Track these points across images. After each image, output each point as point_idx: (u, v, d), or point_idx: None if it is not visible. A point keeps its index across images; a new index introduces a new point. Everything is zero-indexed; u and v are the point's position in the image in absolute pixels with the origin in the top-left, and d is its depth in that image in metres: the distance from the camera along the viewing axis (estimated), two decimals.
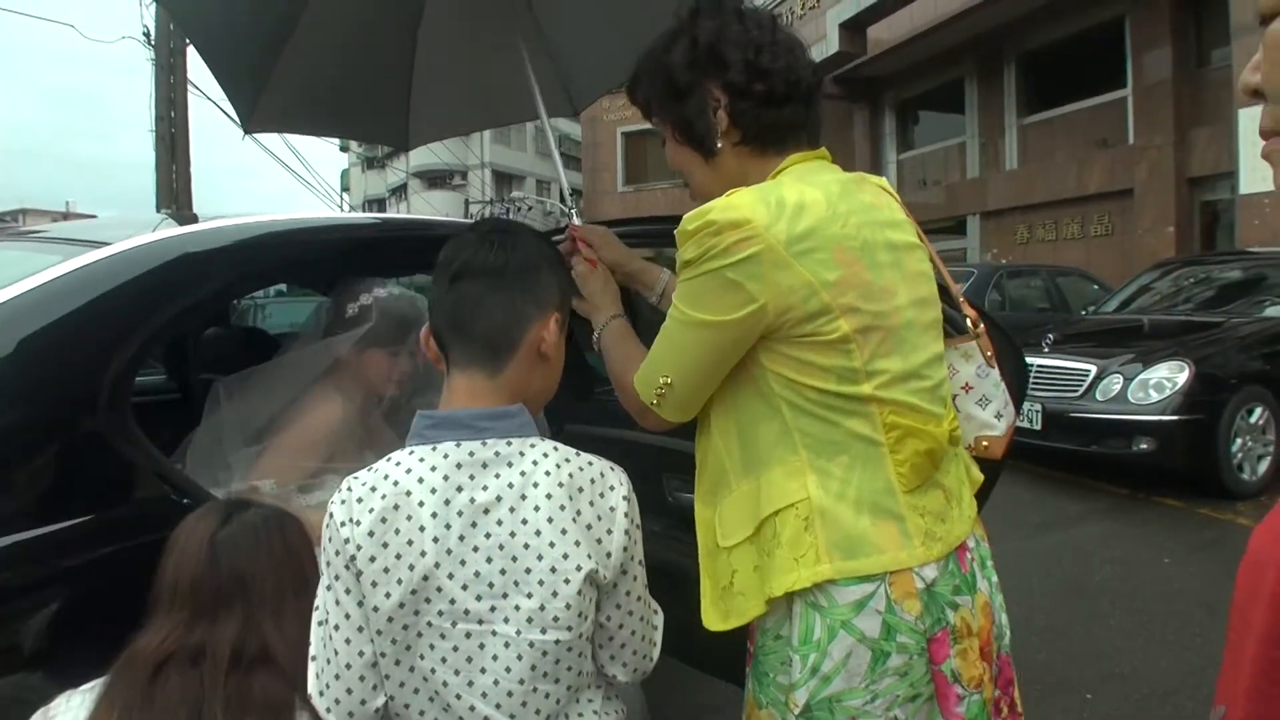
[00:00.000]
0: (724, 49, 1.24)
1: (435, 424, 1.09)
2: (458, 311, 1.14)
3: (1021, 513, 5.28)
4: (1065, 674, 3.19)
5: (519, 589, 1.05)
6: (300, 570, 1.20)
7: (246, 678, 1.09)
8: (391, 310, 1.87)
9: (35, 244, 1.62)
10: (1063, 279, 10.51)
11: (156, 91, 11.98)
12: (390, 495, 1.04)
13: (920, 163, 17.54)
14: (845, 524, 1.12)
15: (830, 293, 1.12)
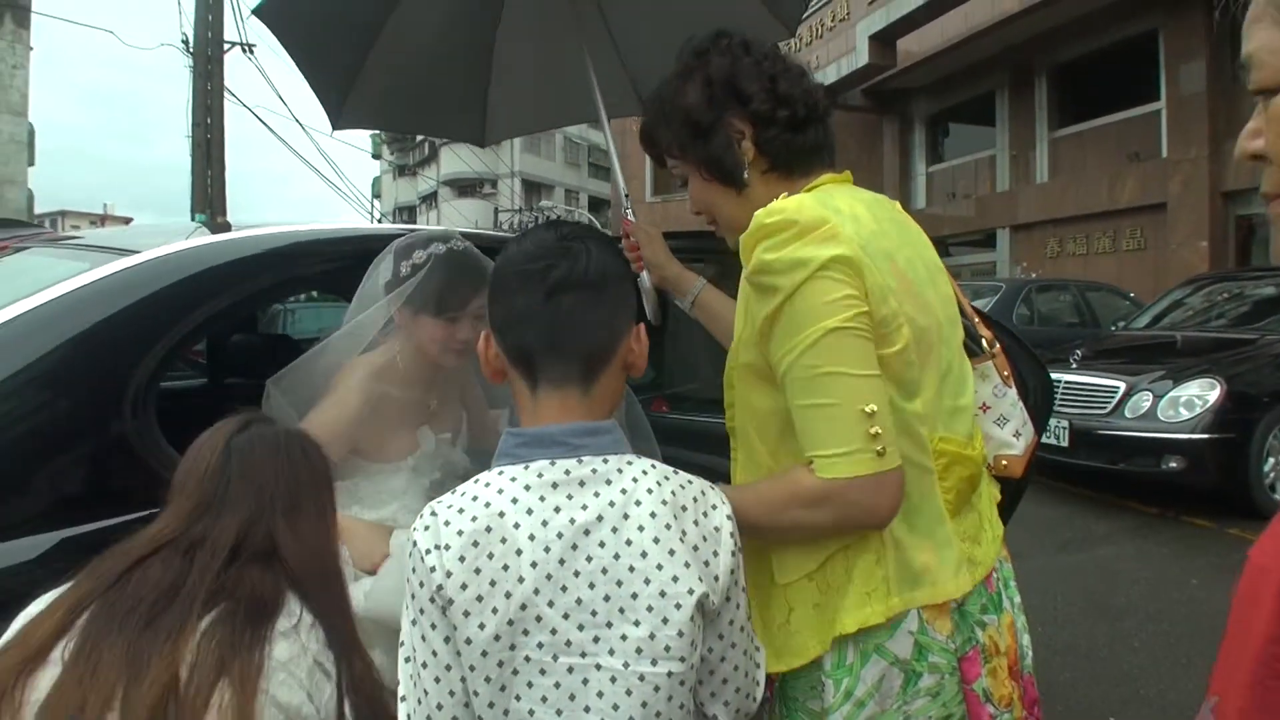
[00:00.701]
0: (741, 82, 1.25)
1: (526, 442, 1.01)
2: (556, 328, 1.03)
3: (1047, 530, 5.21)
4: (1089, 696, 3.14)
5: (625, 616, 0.95)
6: (318, 481, 1.18)
7: (241, 571, 1.05)
8: (450, 267, 1.71)
9: (65, 250, 1.66)
10: (1093, 294, 10.38)
11: (194, 98, 12.22)
12: (482, 517, 0.95)
13: (950, 175, 17.40)
14: (910, 555, 1.12)
15: (896, 298, 1.11)
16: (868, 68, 15.44)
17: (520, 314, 1.04)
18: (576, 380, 1.04)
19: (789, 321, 1.08)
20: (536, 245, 1.07)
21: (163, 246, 1.44)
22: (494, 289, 1.08)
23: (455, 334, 1.71)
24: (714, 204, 1.31)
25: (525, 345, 1.05)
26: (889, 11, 14.43)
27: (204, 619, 1.02)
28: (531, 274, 1.04)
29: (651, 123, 1.35)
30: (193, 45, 12.24)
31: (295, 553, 1.09)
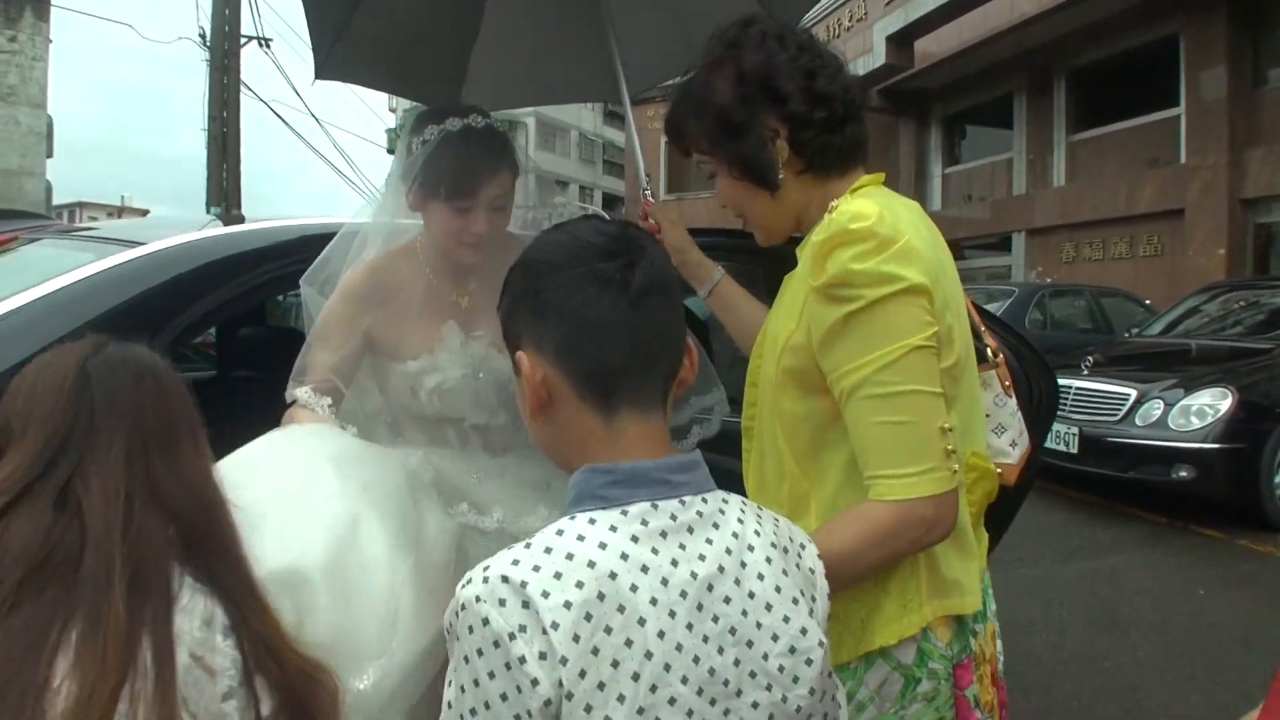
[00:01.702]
0: (777, 80, 1.18)
1: (618, 480, 0.83)
2: (647, 340, 0.87)
3: (1053, 538, 5.19)
4: (1091, 705, 3.12)
5: (756, 681, 0.82)
6: (191, 413, 0.99)
7: (141, 524, 0.89)
8: (461, 146, 1.50)
9: (73, 242, 1.68)
10: (1107, 300, 10.31)
11: (210, 92, 12.30)
12: (590, 582, 0.76)
13: (966, 178, 17.32)
14: (942, 567, 1.13)
15: (951, 312, 1.11)
16: (884, 68, 15.38)
17: (599, 324, 0.86)
18: (659, 402, 0.90)
19: (866, 334, 1.05)
20: (601, 237, 0.89)
21: (167, 239, 1.46)
22: (547, 296, 0.88)
23: (468, 226, 1.50)
24: (744, 203, 1.26)
25: (606, 364, 0.86)
26: (907, 12, 14.37)
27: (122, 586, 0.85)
28: (608, 275, 0.86)
29: (679, 115, 1.28)
30: (209, 39, 12.32)
31: (178, 497, 0.93)
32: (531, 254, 0.92)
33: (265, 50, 13.51)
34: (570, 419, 0.88)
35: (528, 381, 0.88)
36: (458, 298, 1.60)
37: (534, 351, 0.88)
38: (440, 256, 1.57)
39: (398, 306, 1.54)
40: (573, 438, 0.88)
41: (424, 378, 1.54)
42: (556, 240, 0.92)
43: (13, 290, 1.28)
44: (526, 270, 0.91)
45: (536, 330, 0.88)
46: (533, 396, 0.88)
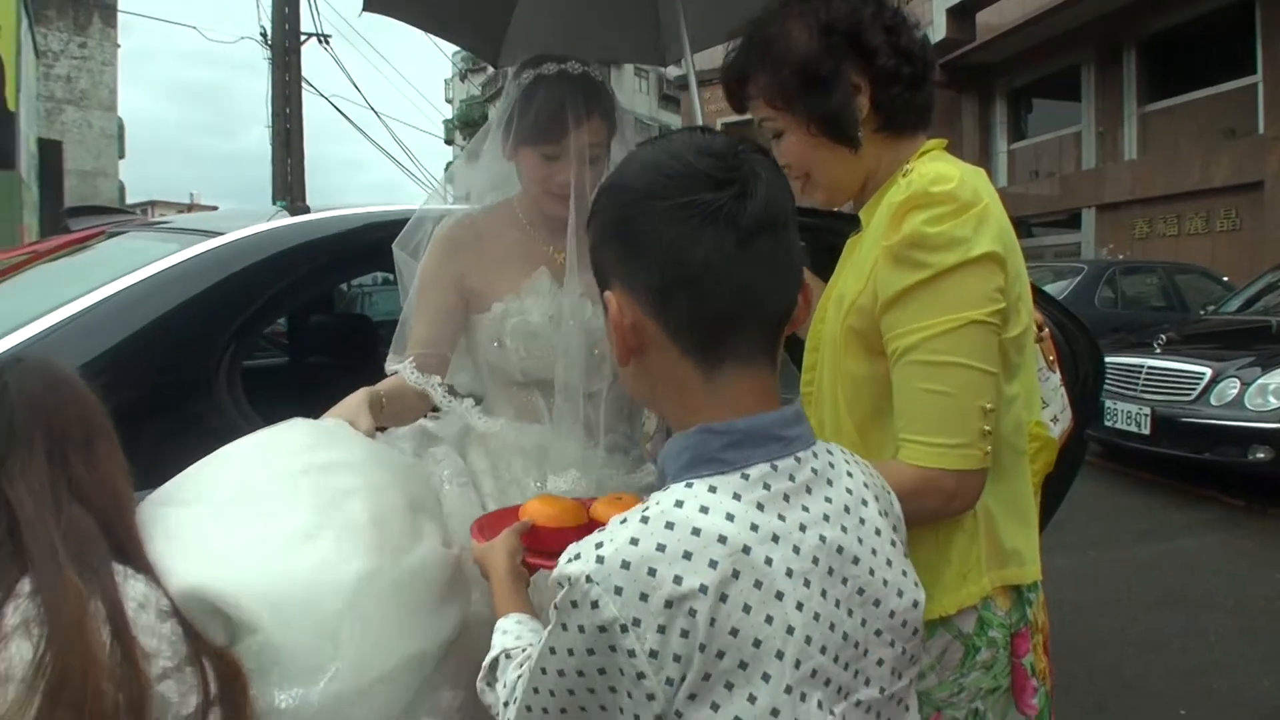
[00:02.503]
0: (865, 34, 1.14)
1: (736, 441, 0.76)
2: (754, 283, 0.77)
3: (1125, 520, 5.07)
4: (1159, 687, 3.07)
5: (881, 639, 0.81)
6: (102, 417, 1.04)
7: (71, 514, 0.95)
8: (553, 89, 1.45)
9: (156, 234, 1.78)
10: (1181, 276, 9.97)
11: (272, 89, 12.62)
12: (723, 559, 0.70)
13: (1033, 153, 16.86)
14: (1003, 536, 1.14)
15: (1020, 281, 1.11)
16: (945, 42, 15.06)
17: (703, 266, 0.75)
18: (768, 350, 0.81)
19: (930, 300, 1.03)
20: (707, 158, 0.77)
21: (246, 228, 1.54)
22: (639, 228, 0.77)
23: (554, 175, 1.44)
24: (817, 162, 1.19)
25: (714, 309, 0.77)
26: None
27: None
28: (714, 208, 0.75)
29: (743, 65, 1.21)
30: (270, 38, 12.62)
31: (97, 495, 0.98)
32: (621, 177, 0.81)
33: (324, 46, 13.80)
34: (664, 367, 0.79)
35: (615, 325, 0.79)
36: (554, 252, 1.53)
37: (624, 292, 0.79)
38: (535, 210, 1.52)
39: (489, 253, 1.50)
40: (669, 388, 0.81)
41: (507, 321, 1.48)
42: (654, 160, 0.79)
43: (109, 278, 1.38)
44: (616, 194, 0.80)
45: (627, 268, 0.79)
46: (621, 341, 0.80)
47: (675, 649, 0.69)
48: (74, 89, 22.45)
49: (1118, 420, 5.95)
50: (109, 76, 23.21)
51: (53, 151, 20.00)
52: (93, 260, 1.73)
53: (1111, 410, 5.96)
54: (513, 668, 0.89)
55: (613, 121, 1.51)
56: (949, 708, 1.12)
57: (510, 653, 0.92)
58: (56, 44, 21.58)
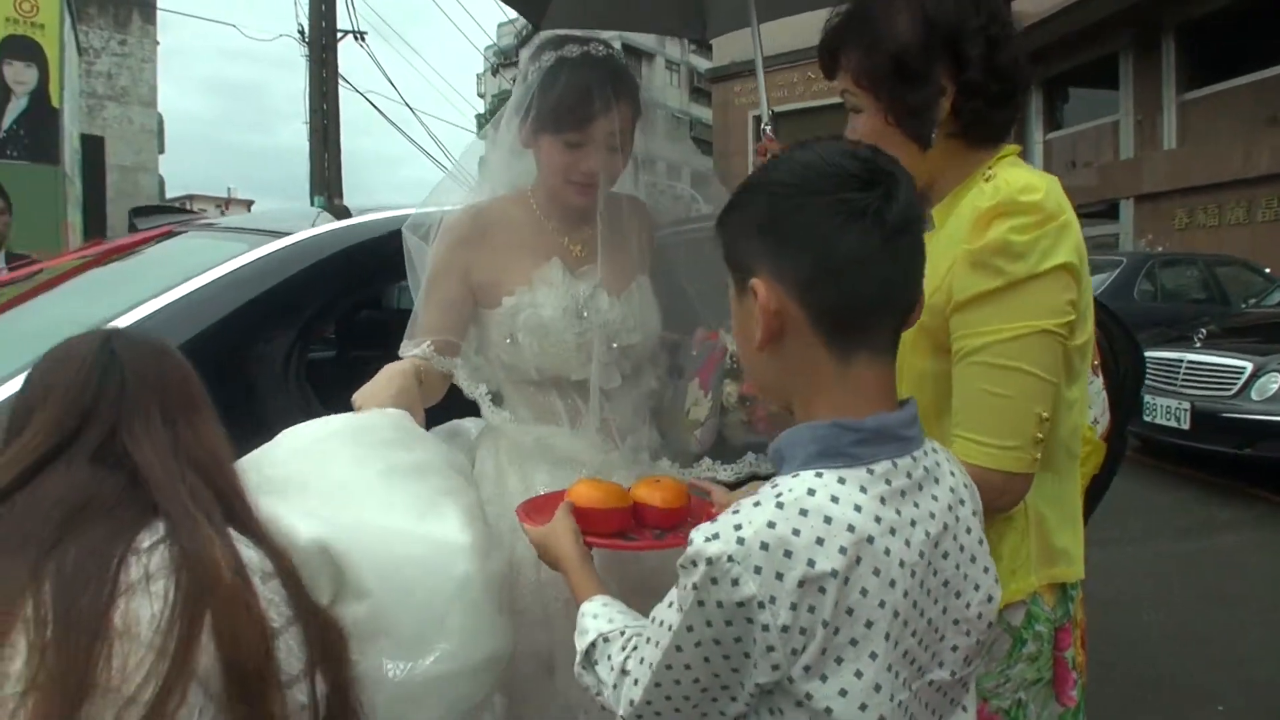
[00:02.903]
0: (965, 43, 1.14)
1: (866, 439, 0.82)
2: (897, 279, 0.84)
3: (1164, 517, 5.04)
4: (1200, 682, 3.06)
5: (958, 628, 0.87)
6: (200, 386, 1.07)
7: (190, 478, 0.97)
8: (577, 73, 1.38)
9: (222, 234, 1.85)
10: (1222, 269, 9.80)
11: (310, 85, 12.79)
12: (850, 547, 0.76)
13: (1069, 143, 16.62)
14: (1053, 535, 1.18)
15: (1088, 292, 1.14)
16: None
17: (850, 259, 0.81)
18: (894, 344, 0.87)
19: (1004, 305, 1.06)
20: (854, 162, 0.84)
21: (310, 228, 1.61)
22: (792, 222, 0.83)
23: (577, 163, 1.39)
24: (886, 149, 1.23)
25: (855, 301, 0.83)
26: None
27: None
28: (862, 206, 0.81)
29: (841, 40, 1.22)
30: (308, 35, 12.79)
31: (203, 461, 1.00)
32: (775, 174, 0.87)
33: (360, 43, 13.95)
34: (800, 354, 0.85)
35: (762, 310, 0.84)
36: (569, 243, 1.48)
37: (771, 279, 0.84)
38: (551, 200, 1.46)
39: (499, 243, 1.44)
40: (800, 374, 0.86)
41: (519, 315, 1.42)
42: (805, 161, 0.85)
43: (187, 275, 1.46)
44: (769, 190, 0.86)
45: (776, 257, 0.84)
46: (766, 326, 0.84)
47: (803, 624, 0.76)
48: (115, 85, 22.87)
49: (1157, 415, 5.89)
50: (149, 73, 23.61)
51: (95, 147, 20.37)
52: (166, 258, 1.81)
53: (1151, 405, 5.90)
54: (616, 649, 0.94)
55: (638, 107, 1.46)
56: (995, 697, 1.16)
57: (608, 636, 0.97)
58: (98, 41, 21.99)
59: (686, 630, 0.80)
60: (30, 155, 13.31)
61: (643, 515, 1.29)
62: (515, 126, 1.43)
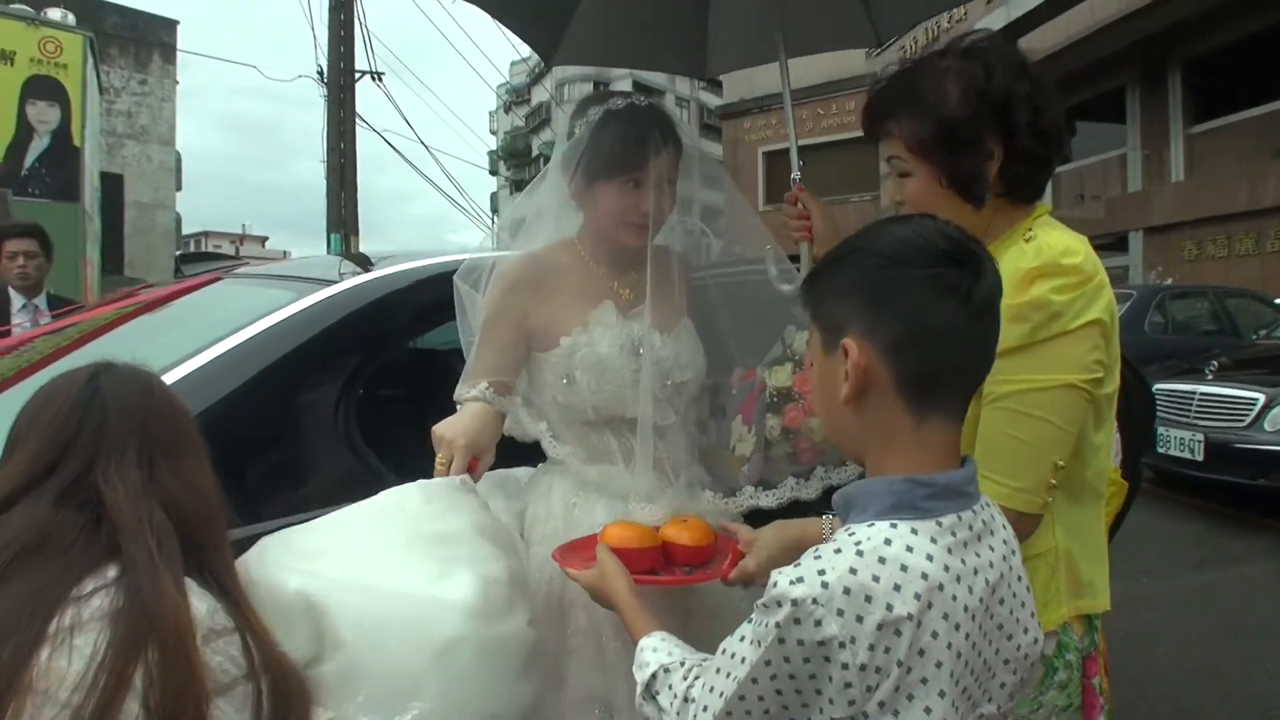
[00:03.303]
0: (1015, 112, 1.22)
1: (936, 494, 0.89)
2: (978, 353, 0.93)
3: (1179, 548, 5.04)
4: (1216, 715, 3.07)
5: (1008, 666, 0.94)
6: (190, 422, 1.06)
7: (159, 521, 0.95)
8: (628, 121, 1.47)
9: (271, 281, 1.94)
10: (1233, 300, 9.83)
11: (328, 125, 13.01)
12: (924, 593, 0.83)
13: (1077, 176, 16.72)
14: (1080, 570, 1.25)
15: (1115, 346, 1.22)
16: None
17: (935, 329, 0.89)
18: (963, 412, 0.95)
19: (1035, 358, 1.13)
20: (948, 241, 0.91)
21: (357, 276, 1.70)
22: (890, 289, 0.90)
23: (636, 205, 1.47)
24: (938, 210, 1.23)
25: (938, 368, 0.90)
26: (1009, 10, 14.04)
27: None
28: (953, 282, 0.89)
29: (891, 106, 1.30)
30: (326, 76, 13.02)
31: (180, 501, 0.99)
32: (875, 243, 0.93)
33: (377, 84, 14.20)
34: (881, 412, 0.91)
35: (853, 368, 0.90)
36: (619, 287, 1.55)
37: (862, 340, 0.90)
38: (600, 246, 1.54)
39: (553, 289, 1.51)
40: (877, 431, 0.93)
41: (576, 354, 1.48)
42: (903, 235, 0.92)
43: (242, 323, 1.54)
44: (870, 257, 0.92)
45: (870, 319, 0.90)
46: (854, 383, 0.90)
47: (879, 663, 0.82)
48: (134, 124, 23.29)
49: (1170, 447, 5.91)
50: (168, 112, 24.05)
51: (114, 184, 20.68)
52: (217, 305, 1.90)
53: (1164, 437, 5.93)
54: (677, 679, 1.00)
55: (681, 146, 1.55)
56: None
57: (669, 667, 1.03)
58: (118, 81, 22.44)
59: (764, 664, 0.86)
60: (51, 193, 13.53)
61: (671, 553, 1.35)
62: (563, 179, 1.52)
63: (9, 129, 13.45)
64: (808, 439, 1.50)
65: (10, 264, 3.94)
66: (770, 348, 1.57)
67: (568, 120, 1.55)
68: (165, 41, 23.84)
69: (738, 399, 1.57)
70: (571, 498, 1.51)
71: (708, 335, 1.60)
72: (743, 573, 1.29)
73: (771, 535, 1.31)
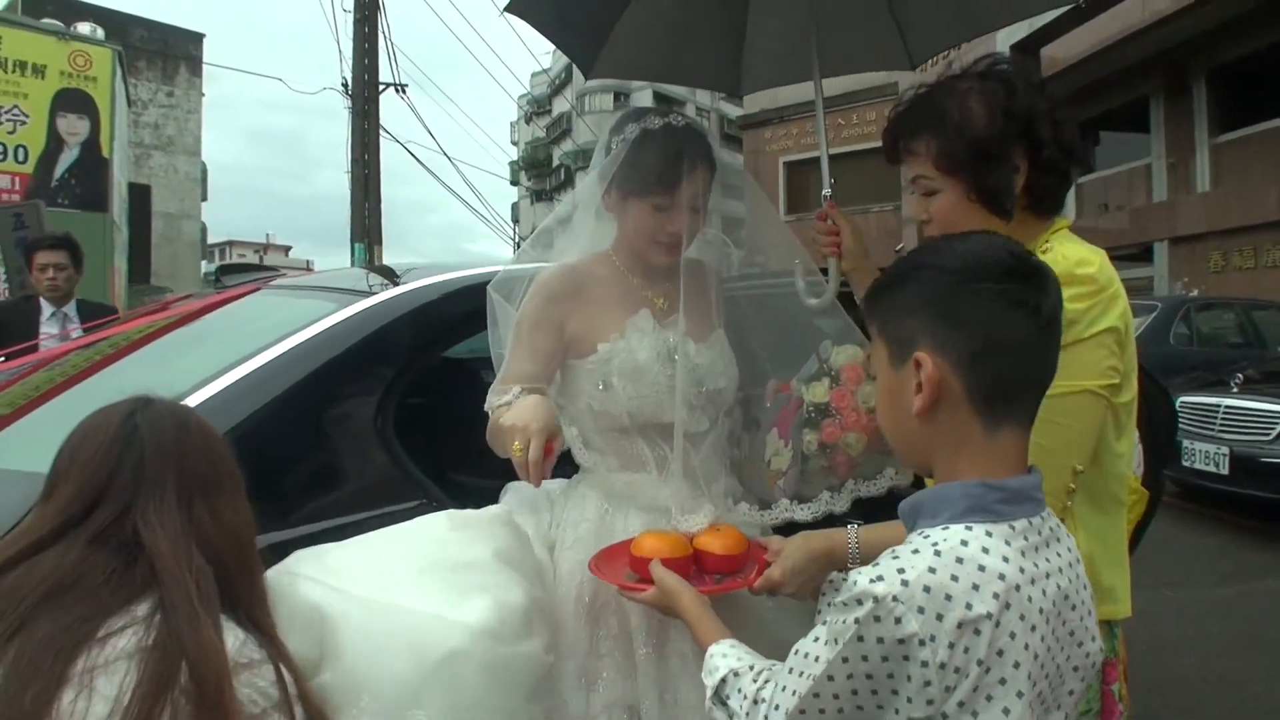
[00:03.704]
0: (1039, 126, 1.30)
1: (1008, 498, 0.91)
2: (1046, 364, 0.96)
3: (1203, 561, 5.02)
4: None
5: (1076, 674, 0.96)
6: (229, 458, 1.06)
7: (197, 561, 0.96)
8: (662, 142, 1.51)
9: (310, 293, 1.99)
10: (1260, 312, 9.73)
11: (352, 137, 13.17)
12: (1001, 594, 0.84)
13: (1101, 186, 16.61)
14: (1100, 573, 1.27)
15: (1131, 355, 1.25)
16: None
17: (1008, 342, 0.92)
18: (1032, 419, 0.97)
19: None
20: (1014, 259, 0.94)
21: (394, 288, 1.76)
22: (963, 304, 0.93)
23: (665, 225, 1.52)
24: (965, 224, 1.31)
25: (1010, 380, 0.94)
26: (1033, 19, 14.01)
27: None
28: (1021, 297, 0.92)
29: (914, 128, 1.36)
30: (351, 89, 13.19)
31: (216, 540, 1.00)
32: (943, 259, 0.96)
33: (401, 95, 14.37)
34: (952, 423, 0.94)
35: (928, 380, 0.92)
36: (653, 297, 1.60)
37: (935, 354, 0.93)
38: (635, 259, 1.59)
39: (590, 299, 1.55)
40: (948, 441, 0.95)
41: (614, 360, 1.52)
42: (968, 250, 0.95)
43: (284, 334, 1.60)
44: (939, 273, 0.95)
45: (942, 333, 0.93)
46: (929, 395, 0.93)
47: (958, 663, 0.83)
48: (161, 135, 23.69)
49: (1195, 460, 5.87)
50: (194, 123, 24.45)
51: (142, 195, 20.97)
52: (260, 315, 1.96)
53: (1189, 450, 5.90)
54: (747, 682, 1.03)
55: (714, 166, 1.59)
56: None
57: (738, 671, 1.05)
58: (146, 93, 22.83)
59: (842, 661, 0.87)
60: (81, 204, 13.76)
61: (704, 562, 1.38)
62: (598, 193, 1.57)
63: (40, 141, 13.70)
64: (844, 453, 1.52)
65: (40, 275, 4.04)
66: (800, 360, 1.60)
67: (607, 133, 1.59)
68: (192, 55, 24.24)
69: (771, 412, 1.59)
70: (604, 504, 1.54)
71: (739, 347, 1.64)
72: (768, 581, 1.31)
73: (798, 545, 1.33)
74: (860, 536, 1.32)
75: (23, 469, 1.42)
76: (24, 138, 14.13)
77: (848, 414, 1.51)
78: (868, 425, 1.50)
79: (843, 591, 0.89)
